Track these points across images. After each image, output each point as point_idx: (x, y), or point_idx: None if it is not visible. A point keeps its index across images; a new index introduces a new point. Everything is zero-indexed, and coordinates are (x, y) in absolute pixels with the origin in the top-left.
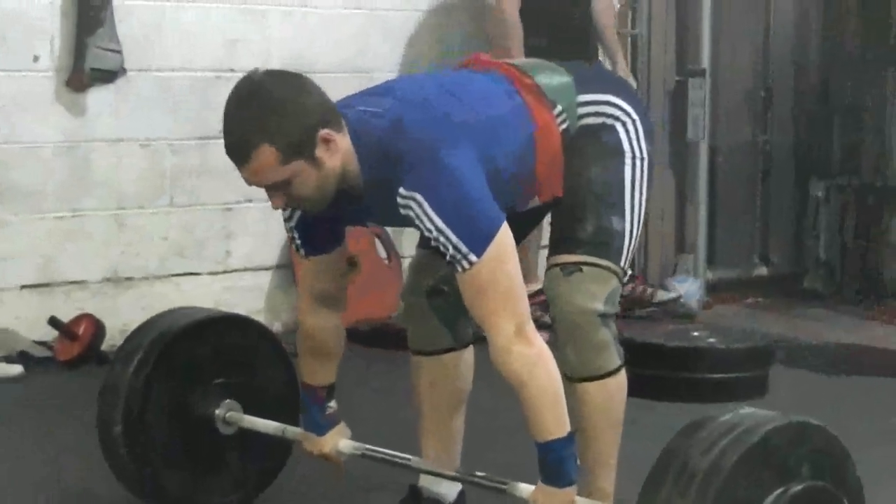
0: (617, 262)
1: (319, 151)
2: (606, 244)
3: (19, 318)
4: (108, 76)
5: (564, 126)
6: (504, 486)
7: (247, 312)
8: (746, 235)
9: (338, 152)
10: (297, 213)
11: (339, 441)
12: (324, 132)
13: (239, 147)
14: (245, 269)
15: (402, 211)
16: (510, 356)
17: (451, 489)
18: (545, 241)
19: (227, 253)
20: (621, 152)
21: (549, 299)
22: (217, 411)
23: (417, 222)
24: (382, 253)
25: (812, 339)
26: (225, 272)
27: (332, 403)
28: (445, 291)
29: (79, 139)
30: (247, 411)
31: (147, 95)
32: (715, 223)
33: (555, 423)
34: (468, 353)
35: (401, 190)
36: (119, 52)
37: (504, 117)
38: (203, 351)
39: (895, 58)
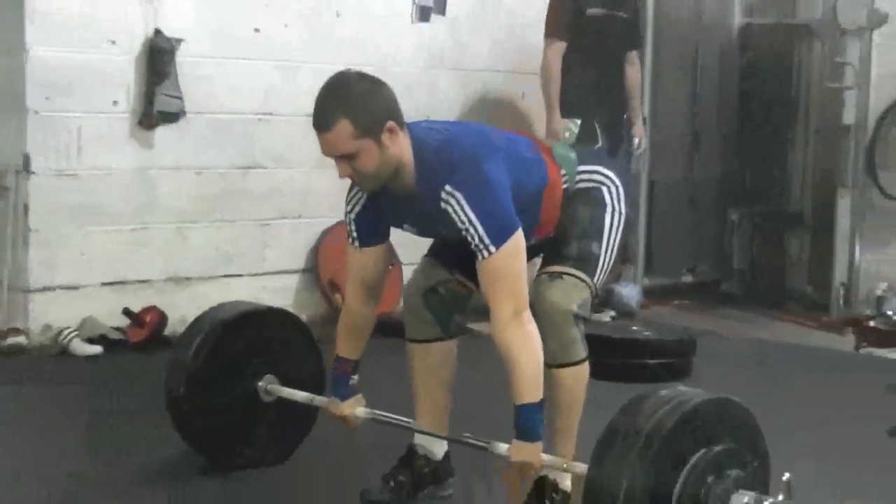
0: (592, 277)
1: (384, 137)
2: (586, 262)
3: (100, 308)
4: (172, 117)
5: (566, 186)
6: (486, 445)
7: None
8: (677, 250)
9: (398, 144)
10: (358, 206)
11: (357, 407)
12: (391, 123)
13: (324, 118)
14: (277, 273)
15: (443, 205)
16: (506, 333)
17: (439, 449)
18: None
19: (263, 259)
20: (604, 204)
21: (534, 299)
22: (260, 384)
23: (454, 215)
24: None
25: (728, 333)
26: (261, 274)
27: (355, 377)
28: (440, 293)
29: (147, 167)
30: (283, 384)
31: (202, 133)
32: (651, 240)
33: (531, 390)
34: (452, 344)
35: (446, 187)
36: (180, 98)
37: (529, 161)
38: (250, 336)
39: (792, 118)
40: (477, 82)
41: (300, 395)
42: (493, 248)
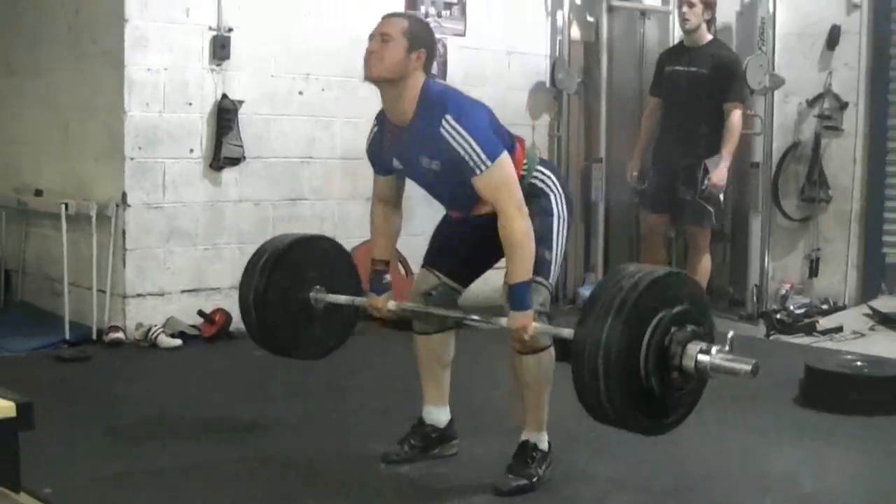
0: (547, 278)
1: (412, 55)
2: (540, 267)
3: (180, 310)
4: (235, 161)
5: (524, 174)
6: (490, 322)
7: None
8: (628, 259)
9: (416, 70)
10: (370, 143)
11: (389, 301)
12: (421, 51)
13: (396, 14)
14: None
15: (442, 131)
16: (514, 222)
17: (444, 418)
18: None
19: None
20: (551, 213)
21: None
22: (311, 294)
23: (451, 140)
24: (402, 271)
25: None
26: None
27: (388, 276)
28: (433, 295)
29: (216, 200)
30: (329, 293)
31: (259, 173)
32: (609, 251)
33: (523, 271)
34: (450, 335)
35: (446, 116)
36: (241, 146)
37: (505, 134)
38: (302, 256)
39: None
40: None
41: (343, 299)
42: (489, 163)
